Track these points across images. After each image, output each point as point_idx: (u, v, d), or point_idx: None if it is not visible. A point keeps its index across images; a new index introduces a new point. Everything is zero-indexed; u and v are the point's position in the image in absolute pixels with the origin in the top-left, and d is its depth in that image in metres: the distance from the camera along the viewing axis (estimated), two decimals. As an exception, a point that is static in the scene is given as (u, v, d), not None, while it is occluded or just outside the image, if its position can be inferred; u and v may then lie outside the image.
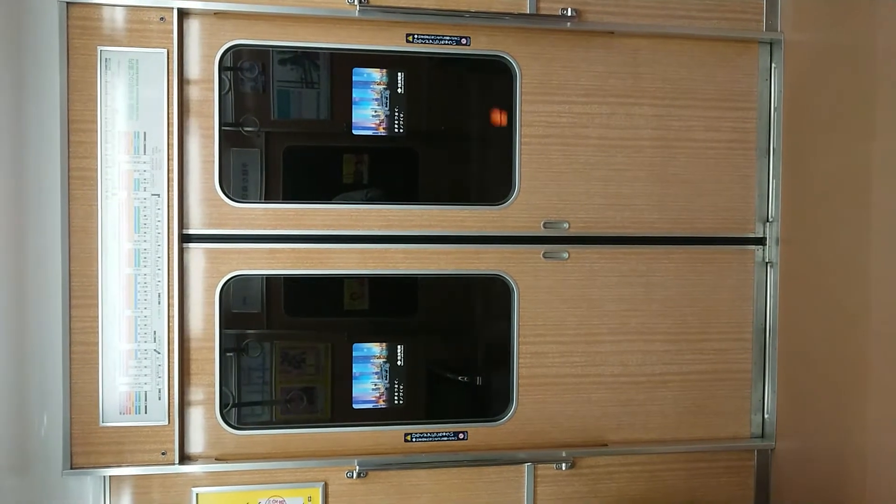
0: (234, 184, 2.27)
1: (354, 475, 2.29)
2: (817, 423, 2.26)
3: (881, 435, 1.97)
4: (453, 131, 2.51)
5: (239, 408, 2.31)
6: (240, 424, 2.30)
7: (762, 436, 2.51)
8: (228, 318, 2.28)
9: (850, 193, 2.11)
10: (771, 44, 2.47)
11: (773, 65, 2.48)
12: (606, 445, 2.44)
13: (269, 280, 2.33)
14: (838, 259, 2.16)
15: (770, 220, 2.49)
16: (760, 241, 2.50)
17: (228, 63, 2.25)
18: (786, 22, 2.44)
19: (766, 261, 2.49)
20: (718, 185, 2.47)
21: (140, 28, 2.15)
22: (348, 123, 2.35)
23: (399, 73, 2.34)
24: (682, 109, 2.44)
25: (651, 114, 2.43)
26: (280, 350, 2.40)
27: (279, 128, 2.38)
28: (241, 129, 2.29)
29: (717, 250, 2.48)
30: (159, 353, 2.18)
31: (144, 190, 2.16)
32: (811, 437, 2.31)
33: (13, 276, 2.00)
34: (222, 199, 2.24)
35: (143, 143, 2.16)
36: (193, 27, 2.21)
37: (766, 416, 2.50)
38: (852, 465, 2.07)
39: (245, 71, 2.29)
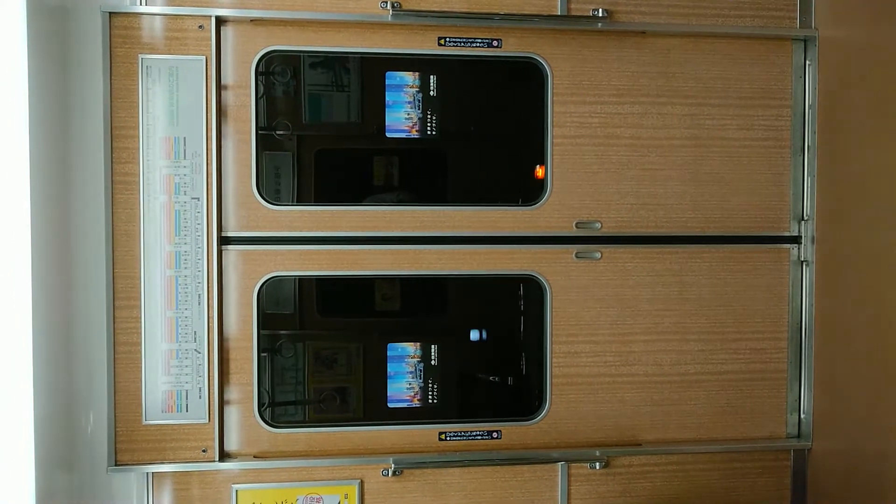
0: (269, 187, 2.31)
1: (390, 473, 2.32)
2: (855, 422, 2.24)
3: (922, 435, 1.95)
4: (486, 133, 2.53)
5: (274, 406, 2.35)
6: (276, 423, 2.34)
7: (798, 436, 2.49)
8: (264, 319, 2.32)
9: (886, 191, 2.09)
10: (805, 41, 2.45)
11: (807, 62, 2.45)
12: (640, 445, 2.43)
13: (302, 281, 2.37)
14: (875, 257, 2.14)
15: (805, 218, 2.46)
16: (795, 240, 2.48)
17: (263, 68, 2.29)
18: (820, 19, 2.42)
19: (802, 259, 2.47)
20: (752, 183, 2.46)
21: (179, 36, 2.20)
22: (381, 126, 2.38)
23: (431, 76, 2.37)
24: (715, 108, 2.43)
25: (684, 113, 2.43)
26: (314, 350, 2.44)
27: (311, 131, 2.42)
28: (273, 132, 2.33)
29: (751, 249, 2.47)
30: (199, 352, 2.24)
31: (185, 194, 2.21)
32: (848, 437, 2.28)
33: (59, 278, 2.06)
34: (259, 202, 2.28)
35: (184, 148, 2.21)
36: (230, 34, 2.26)
37: (802, 415, 2.48)
38: (890, 466, 2.05)
39: (279, 75, 2.33)
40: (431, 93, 2.37)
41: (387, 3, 2.26)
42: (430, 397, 2.41)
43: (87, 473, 2.18)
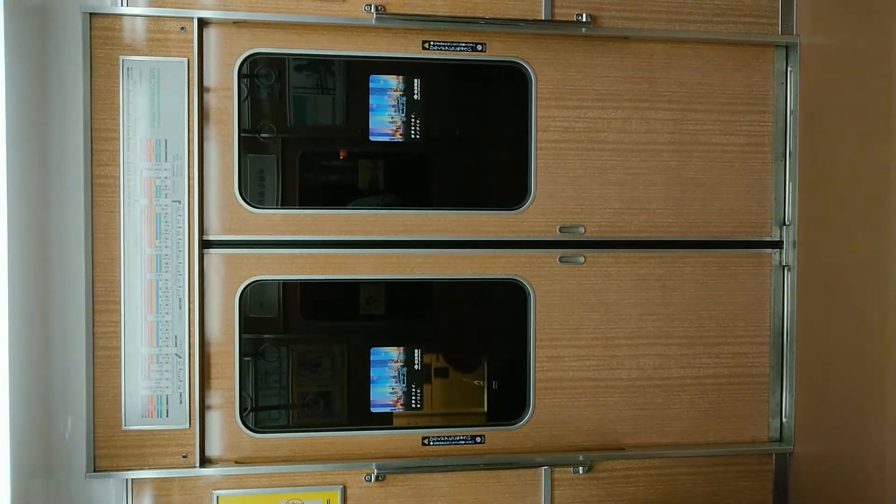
0: (252, 190, 2.30)
1: (373, 478, 2.31)
2: (836, 426, 2.25)
3: (901, 438, 1.97)
4: (469, 137, 2.53)
5: (256, 411, 2.34)
6: (258, 428, 2.32)
7: (780, 440, 2.51)
8: (246, 323, 2.30)
9: (867, 196, 2.11)
10: (787, 47, 2.47)
11: (788, 68, 2.47)
12: (623, 449, 2.44)
13: (285, 285, 2.35)
14: (856, 261, 2.16)
15: (787, 223, 2.48)
16: (777, 245, 2.50)
17: (246, 71, 2.28)
18: (801, 25, 2.44)
19: (783, 264, 2.49)
20: (734, 188, 2.47)
21: (161, 37, 2.19)
22: (365, 130, 2.37)
23: (415, 80, 2.37)
24: (698, 113, 2.45)
25: (666, 118, 2.44)
26: (297, 354, 2.42)
27: (295, 134, 2.41)
28: (257, 135, 2.32)
29: (733, 254, 2.48)
30: (180, 357, 2.21)
31: (166, 196, 2.19)
32: (830, 441, 2.30)
33: (38, 282, 2.03)
34: (241, 206, 2.27)
35: (165, 151, 2.19)
36: (213, 36, 2.25)
37: (784, 419, 2.50)
38: (872, 469, 2.06)
39: (262, 78, 2.32)
40: (415, 96, 2.37)
41: (371, 6, 2.25)
42: (413, 402, 2.40)
43: (65, 480, 2.15)
